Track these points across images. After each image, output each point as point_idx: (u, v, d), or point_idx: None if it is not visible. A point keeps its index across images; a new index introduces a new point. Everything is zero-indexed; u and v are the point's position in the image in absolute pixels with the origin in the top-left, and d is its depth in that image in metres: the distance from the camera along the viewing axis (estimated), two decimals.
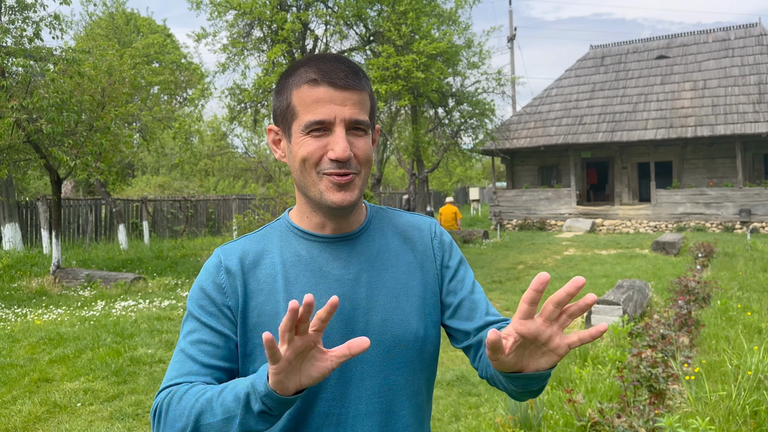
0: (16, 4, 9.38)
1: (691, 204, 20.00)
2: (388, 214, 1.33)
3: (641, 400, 4.12)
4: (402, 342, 1.20)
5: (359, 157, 1.15)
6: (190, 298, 1.20)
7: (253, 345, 1.16)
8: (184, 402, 1.06)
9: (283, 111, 1.18)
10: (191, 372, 1.13)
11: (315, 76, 1.13)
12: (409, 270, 1.26)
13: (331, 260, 1.20)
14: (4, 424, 4.43)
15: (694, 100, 20.37)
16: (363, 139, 1.16)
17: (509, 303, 8.68)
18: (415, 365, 1.22)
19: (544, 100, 23.64)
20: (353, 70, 1.16)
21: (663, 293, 8.56)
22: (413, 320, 1.22)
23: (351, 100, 1.13)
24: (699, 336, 6.00)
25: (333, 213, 1.19)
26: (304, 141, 1.14)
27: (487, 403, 4.70)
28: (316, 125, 1.12)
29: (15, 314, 8.33)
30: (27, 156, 10.89)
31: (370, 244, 1.25)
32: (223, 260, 1.20)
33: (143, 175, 29.28)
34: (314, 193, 1.16)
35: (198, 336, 1.16)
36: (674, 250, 13.51)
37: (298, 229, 1.23)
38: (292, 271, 1.19)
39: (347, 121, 1.13)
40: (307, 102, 1.13)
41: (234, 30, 12.23)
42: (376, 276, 1.22)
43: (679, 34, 23.23)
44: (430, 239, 1.31)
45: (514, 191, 23.17)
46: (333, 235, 1.22)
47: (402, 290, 1.23)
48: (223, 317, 1.17)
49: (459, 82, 15.46)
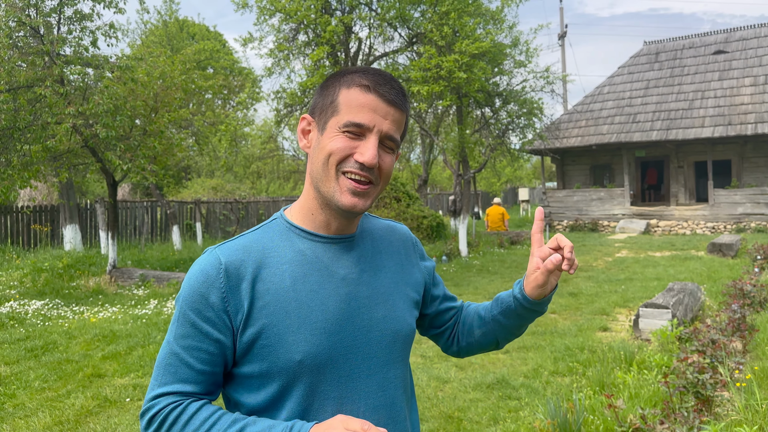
0: (74, 15, 9.78)
1: (751, 204, 19.19)
2: (371, 219, 1.41)
3: (687, 407, 3.98)
4: (400, 336, 1.29)
5: (382, 170, 1.21)
6: (184, 300, 1.17)
7: (261, 346, 1.16)
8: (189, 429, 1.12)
9: (326, 106, 1.22)
10: (186, 379, 1.16)
11: (368, 83, 1.19)
12: (397, 271, 1.35)
13: (335, 260, 1.24)
14: (57, 417, 4.64)
15: (755, 96, 19.54)
16: (389, 156, 1.22)
17: (555, 306, 8.53)
18: (406, 358, 1.33)
19: (596, 98, 23.12)
20: (402, 92, 1.23)
21: (717, 297, 8.26)
22: (407, 316, 1.32)
23: (392, 116, 1.20)
24: (753, 341, 5.76)
25: (341, 214, 1.22)
26: (337, 137, 1.18)
27: (527, 407, 4.64)
28: (354, 127, 1.17)
29: (73, 312, 8.70)
30: (85, 160, 11.35)
31: (365, 246, 1.32)
32: (224, 261, 1.17)
33: (198, 177, 30.07)
34: (328, 190, 1.19)
35: (192, 342, 1.16)
36: (731, 252, 13.00)
37: (300, 228, 1.26)
38: (299, 270, 1.21)
39: (383, 134, 1.19)
40: (353, 104, 1.18)
41: (280, 35, 12.44)
42: (373, 276, 1.28)
43: (738, 28, 22.34)
44: (412, 242, 1.45)
45: (565, 191, 22.73)
46: (335, 236, 1.26)
47: (395, 288, 1.32)
48: (221, 323, 1.16)
49: (506, 82, 15.29)
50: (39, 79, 9.04)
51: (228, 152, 17.91)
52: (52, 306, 9.11)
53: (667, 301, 6.56)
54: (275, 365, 1.15)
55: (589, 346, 6.23)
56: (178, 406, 1.13)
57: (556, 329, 7.11)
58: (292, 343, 1.15)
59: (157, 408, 1.14)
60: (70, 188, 15.36)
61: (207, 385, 1.18)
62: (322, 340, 1.17)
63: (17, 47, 9.31)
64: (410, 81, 12.28)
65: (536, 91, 15.55)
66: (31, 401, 5.03)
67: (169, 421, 1.12)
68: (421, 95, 11.84)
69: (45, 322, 8.08)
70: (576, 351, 6.06)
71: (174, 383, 1.15)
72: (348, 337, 1.20)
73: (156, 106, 11.00)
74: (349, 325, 1.20)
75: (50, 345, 6.80)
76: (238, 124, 17.21)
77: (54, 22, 9.76)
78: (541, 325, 7.35)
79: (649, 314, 6.51)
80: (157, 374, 1.17)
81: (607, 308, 8.21)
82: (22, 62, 9.18)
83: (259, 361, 1.17)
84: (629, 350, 5.64)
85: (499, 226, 19.44)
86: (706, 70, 21.48)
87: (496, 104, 15.52)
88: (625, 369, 5.27)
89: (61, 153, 10.20)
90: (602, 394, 4.47)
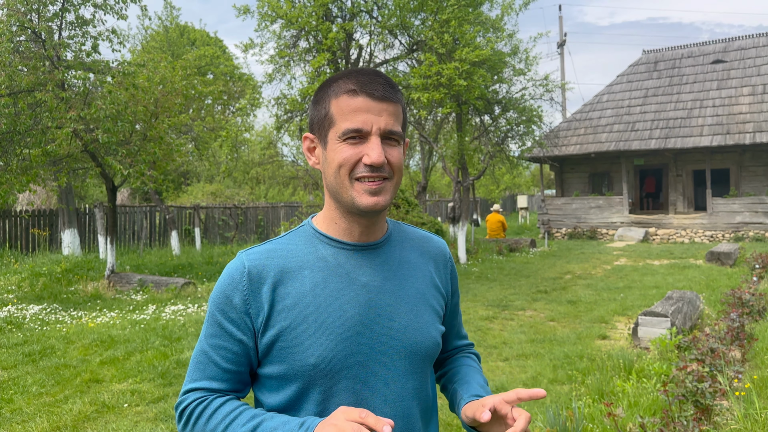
0: (75, 20, 9.81)
1: (749, 213, 19.23)
2: (405, 228, 1.40)
3: (686, 416, 3.98)
4: (421, 349, 1.27)
5: (393, 164, 1.21)
6: (213, 300, 1.24)
7: (279, 348, 1.19)
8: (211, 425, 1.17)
9: (321, 119, 1.23)
10: (213, 377, 1.22)
11: (354, 86, 1.19)
12: (426, 282, 1.33)
13: (357, 267, 1.25)
14: (55, 422, 4.63)
15: (753, 106, 19.61)
16: (396, 149, 1.22)
17: (554, 314, 8.53)
18: (426, 371, 1.31)
19: (594, 106, 23.19)
20: (390, 84, 1.22)
21: (715, 305, 8.26)
22: (431, 328, 1.30)
23: (387, 111, 1.19)
24: (751, 350, 5.76)
25: (363, 216, 1.23)
26: (340, 147, 1.19)
27: None
28: (353, 133, 1.18)
29: (71, 316, 8.68)
30: (84, 165, 11.35)
31: (392, 254, 1.31)
32: (248, 265, 1.22)
33: (198, 182, 30.08)
34: (346, 198, 1.20)
35: (219, 341, 1.22)
36: (730, 260, 13.01)
37: (324, 235, 1.27)
38: (320, 275, 1.23)
39: (382, 131, 1.19)
40: (345, 111, 1.19)
41: (281, 41, 12.48)
42: (398, 285, 1.28)
43: (737, 38, 22.44)
44: (445, 261, 1.42)
45: (564, 199, 22.76)
46: (359, 243, 1.27)
47: (421, 300, 1.30)
48: (243, 325, 1.21)
49: (505, 89, 15.34)
50: (40, 84, 9.05)
51: (229, 158, 17.93)
52: (50, 311, 9.09)
53: (666, 309, 6.57)
54: (292, 368, 1.19)
55: (588, 354, 6.22)
56: (203, 401, 1.20)
57: (555, 337, 7.10)
58: (308, 347, 1.18)
59: (185, 402, 1.22)
60: (69, 193, 15.35)
61: (233, 383, 1.24)
62: (337, 345, 1.18)
63: (19, 52, 9.33)
64: (410, 88, 12.31)
65: (535, 99, 15.63)
66: (28, 406, 5.01)
67: (195, 415, 1.20)
68: (421, 102, 11.87)
69: (43, 326, 8.06)
70: (575, 359, 6.06)
71: (202, 380, 1.23)
72: (366, 344, 1.21)
73: (156, 111, 11.02)
74: (368, 332, 1.21)
75: (48, 350, 6.78)
76: (239, 130, 17.21)
77: (56, 27, 9.78)
78: (540, 333, 7.35)
79: (648, 322, 6.51)
80: (190, 370, 1.25)
81: (606, 316, 8.21)
82: (24, 66, 9.19)
83: (278, 363, 1.20)
84: (628, 358, 5.63)
85: (498, 233, 19.46)
86: (704, 80, 21.56)
87: (496, 112, 15.58)
88: (624, 377, 5.27)
89: (60, 157, 10.21)
90: (601, 402, 4.46)
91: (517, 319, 8.24)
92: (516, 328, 7.67)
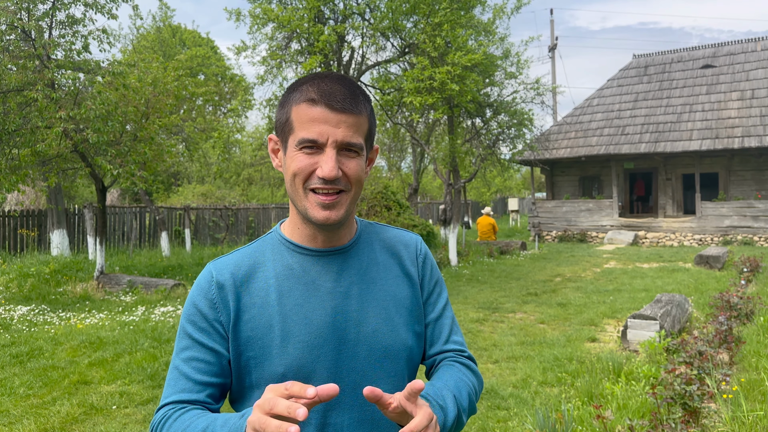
0: (66, 19, 9.75)
1: (738, 217, 19.38)
2: (377, 228, 1.37)
3: (674, 418, 4.01)
4: (392, 352, 1.24)
5: (349, 177, 1.17)
6: (183, 314, 1.23)
7: (247, 358, 1.19)
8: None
9: (282, 124, 1.21)
10: (185, 389, 1.18)
11: (314, 95, 1.15)
12: (396, 283, 1.30)
13: (323, 273, 1.23)
14: (42, 424, 4.59)
15: (742, 110, 19.78)
16: (354, 161, 1.18)
17: (544, 316, 8.56)
18: (402, 374, 1.27)
19: (585, 110, 23.31)
20: (352, 94, 1.17)
21: (704, 308, 8.32)
22: (402, 331, 1.27)
23: (345, 123, 1.15)
24: (739, 353, 5.81)
25: (318, 228, 1.21)
26: (296, 156, 1.17)
27: (515, 417, 4.64)
28: (309, 143, 1.15)
29: (59, 318, 8.62)
30: (74, 165, 11.28)
31: (360, 257, 1.28)
32: (215, 275, 1.22)
33: (189, 183, 29.97)
34: (301, 207, 1.19)
35: (191, 353, 1.20)
36: (718, 264, 13.11)
37: (290, 242, 1.26)
38: (285, 284, 1.22)
39: (339, 143, 1.15)
40: (303, 119, 1.16)
41: (273, 43, 12.46)
42: (366, 289, 1.26)
43: (726, 43, 22.63)
44: (415, 255, 1.36)
45: (554, 202, 22.85)
46: (324, 249, 1.25)
47: (391, 302, 1.27)
48: (215, 333, 1.20)
49: (497, 92, 15.38)
50: (30, 83, 8.99)
51: (221, 159, 17.91)
52: (38, 312, 9.02)
53: (655, 312, 6.61)
54: (262, 377, 1.18)
55: (577, 356, 6.25)
56: (169, 414, 1.16)
57: (545, 339, 7.13)
58: (275, 356, 1.17)
59: (154, 419, 1.18)
60: (59, 193, 15.25)
61: (206, 395, 1.19)
62: (304, 353, 1.18)
63: (8, 50, 9.27)
64: (403, 91, 12.33)
65: (526, 102, 15.68)
66: (15, 408, 4.97)
67: (158, 428, 1.16)
68: (414, 106, 11.87)
69: (31, 327, 8.00)
70: (565, 361, 6.08)
71: (173, 395, 1.19)
72: (332, 351, 1.19)
73: (147, 112, 10.97)
74: (335, 339, 1.20)
75: (36, 351, 6.73)
76: (230, 131, 17.17)
77: (46, 25, 9.72)
78: (530, 335, 7.37)
79: (637, 325, 6.55)
80: (164, 391, 1.22)
81: (596, 319, 8.25)
82: (13, 65, 9.13)
83: (247, 373, 1.20)
84: (617, 361, 5.66)
85: (489, 236, 19.52)
86: (694, 84, 21.72)
87: (487, 115, 15.62)
88: (613, 380, 5.30)
89: (50, 157, 10.13)
90: (591, 404, 4.49)
91: (507, 322, 8.26)
92: (506, 331, 7.69)
